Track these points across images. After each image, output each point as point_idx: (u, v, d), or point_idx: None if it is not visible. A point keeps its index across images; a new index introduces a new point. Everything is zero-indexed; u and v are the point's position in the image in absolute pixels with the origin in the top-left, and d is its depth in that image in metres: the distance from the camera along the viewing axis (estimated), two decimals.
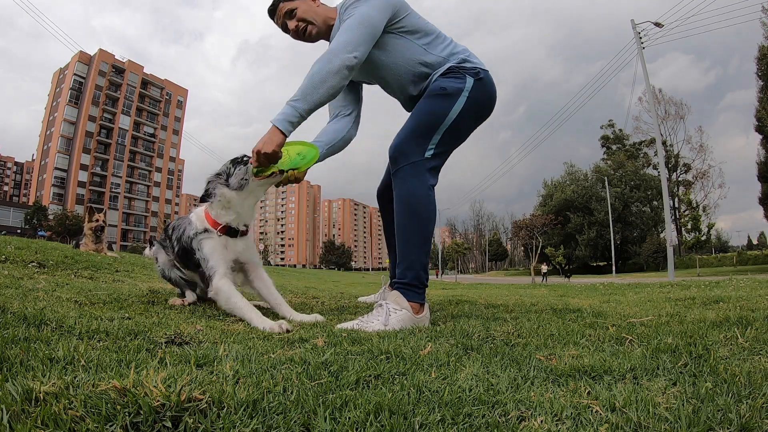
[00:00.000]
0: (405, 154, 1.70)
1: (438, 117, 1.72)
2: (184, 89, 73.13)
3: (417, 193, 1.68)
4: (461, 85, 1.74)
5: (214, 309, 1.89)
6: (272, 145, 1.56)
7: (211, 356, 0.99)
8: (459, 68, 1.77)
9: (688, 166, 46.17)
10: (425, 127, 1.72)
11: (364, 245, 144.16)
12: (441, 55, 1.80)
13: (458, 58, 1.79)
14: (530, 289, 5.71)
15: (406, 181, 1.69)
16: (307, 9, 1.85)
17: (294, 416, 0.67)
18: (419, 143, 1.70)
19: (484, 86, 1.79)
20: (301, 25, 1.85)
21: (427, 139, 1.71)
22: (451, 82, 1.74)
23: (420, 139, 1.71)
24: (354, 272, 71.00)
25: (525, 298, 3.16)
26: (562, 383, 0.89)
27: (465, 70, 1.77)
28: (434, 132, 1.72)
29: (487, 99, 1.83)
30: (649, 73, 16.09)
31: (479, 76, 1.77)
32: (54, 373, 0.76)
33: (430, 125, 1.71)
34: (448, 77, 1.76)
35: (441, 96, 1.73)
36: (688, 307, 2.18)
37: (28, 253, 3.48)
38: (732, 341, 1.22)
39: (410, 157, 1.69)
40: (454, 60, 1.79)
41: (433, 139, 1.71)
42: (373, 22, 1.68)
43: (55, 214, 48.97)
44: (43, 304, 1.44)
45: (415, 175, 1.69)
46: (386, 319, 1.56)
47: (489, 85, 1.82)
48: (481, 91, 1.78)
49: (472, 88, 1.74)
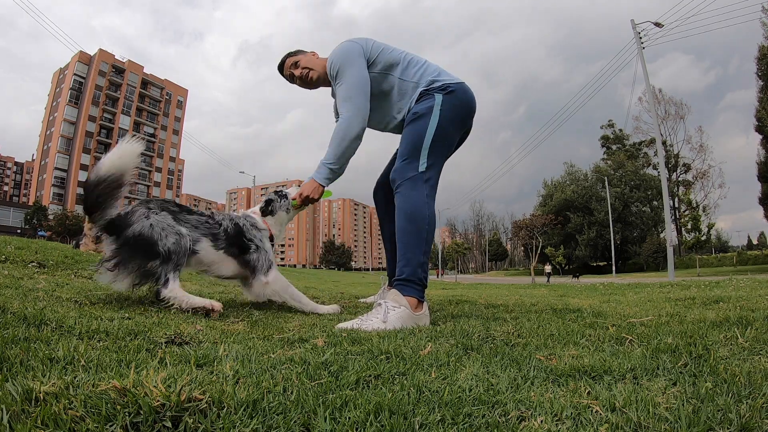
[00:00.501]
0: (402, 173, 1.88)
1: (419, 136, 1.89)
2: (184, 89, 73.15)
3: (415, 202, 1.82)
4: (431, 103, 1.92)
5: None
6: (317, 193, 2.05)
7: (211, 356, 0.99)
8: (427, 91, 1.95)
9: (688, 166, 46.16)
10: (412, 149, 1.89)
11: (364, 245, 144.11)
12: (413, 81, 2.00)
13: (427, 80, 1.97)
14: (530, 289, 5.71)
15: (407, 194, 1.84)
16: (307, 60, 2.20)
17: (294, 416, 0.67)
18: (411, 161, 1.88)
19: (456, 97, 1.94)
20: (304, 71, 2.19)
21: (417, 156, 1.88)
22: (422, 104, 1.93)
23: (411, 158, 1.88)
24: (354, 272, 70.98)
25: (525, 298, 3.16)
26: (562, 383, 0.89)
27: (434, 89, 1.94)
28: (421, 149, 1.88)
29: (462, 107, 1.98)
30: (649, 73, 16.10)
31: (448, 89, 1.94)
32: (54, 373, 0.76)
33: (415, 145, 1.89)
34: (419, 102, 1.95)
35: (416, 119, 1.91)
36: (688, 307, 2.18)
37: (28, 253, 3.48)
38: (732, 341, 1.22)
39: (407, 174, 1.86)
40: (424, 84, 1.97)
41: (422, 154, 1.87)
42: (365, 81, 1.97)
43: (55, 214, 48.95)
44: (43, 304, 1.44)
45: (414, 188, 1.84)
46: (385, 316, 1.60)
47: (461, 93, 1.97)
48: (454, 102, 1.94)
49: (442, 102, 1.91)
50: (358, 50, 1.99)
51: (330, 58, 2.03)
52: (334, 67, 1.99)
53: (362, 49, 2.00)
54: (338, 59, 1.98)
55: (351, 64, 1.96)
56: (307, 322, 1.65)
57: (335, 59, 1.99)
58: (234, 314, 1.79)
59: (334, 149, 1.96)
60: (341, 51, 2.00)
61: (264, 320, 1.67)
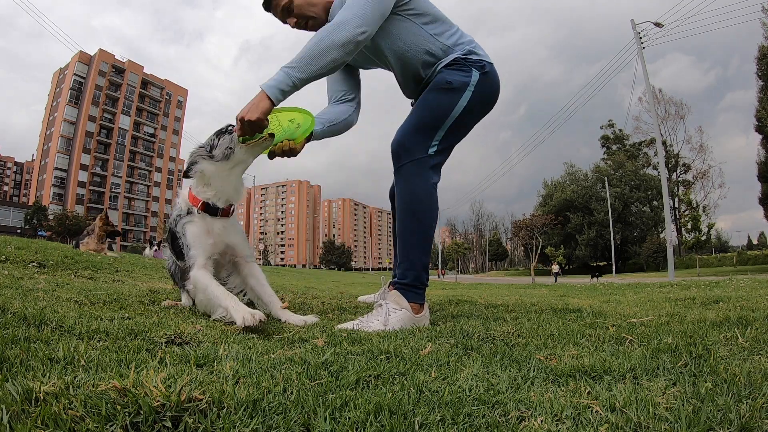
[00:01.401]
0: (408, 151, 1.65)
1: (443, 112, 1.66)
2: (184, 89, 73.19)
3: (420, 192, 1.66)
4: (467, 79, 1.68)
5: None
6: (258, 111, 1.46)
7: (211, 356, 0.99)
8: (465, 60, 1.70)
9: (688, 166, 46.16)
10: (429, 123, 1.67)
11: (364, 245, 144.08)
12: (447, 44, 1.73)
13: (464, 48, 1.73)
14: (530, 289, 5.71)
15: (410, 180, 1.65)
16: (304, 2, 1.75)
17: (294, 416, 0.67)
18: (423, 139, 1.66)
19: (490, 80, 1.74)
20: (301, 21, 1.79)
21: (431, 134, 1.67)
22: (457, 75, 1.68)
23: (424, 134, 1.66)
24: (354, 272, 70.93)
25: (525, 298, 3.16)
26: (562, 383, 0.89)
27: (471, 62, 1.71)
28: (438, 128, 1.67)
29: (491, 93, 1.78)
30: (649, 73, 16.12)
31: (485, 69, 1.72)
32: (54, 373, 0.76)
33: (434, 120, 1.67)
34: (453, 69, 1.70)
35: (446, 90, 1.68)
36: (688, 307, 2.18)
37: (28, 253, 3.48)
38: (732, 341, 1.22)
39: (413, 154, 1.65)
40: (460, 51, 1.72)
41: (437, 134, 1.67)
42: (386, 5, 1.59)
43: (55, 214, 48.96)
44: (43, 304, 1.44)
45: (419, 174, 1.65)
46: (386, 319, 1.56)
47: (494, 78, 1.77)
48: (486, 86, 1.73)
49: (477, 82, 1.69)
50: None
51: None
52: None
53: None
54: None
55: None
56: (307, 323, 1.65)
57: None
58: None
59: (304, 51, 1.50)
60: None
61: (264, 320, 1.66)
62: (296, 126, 1.68)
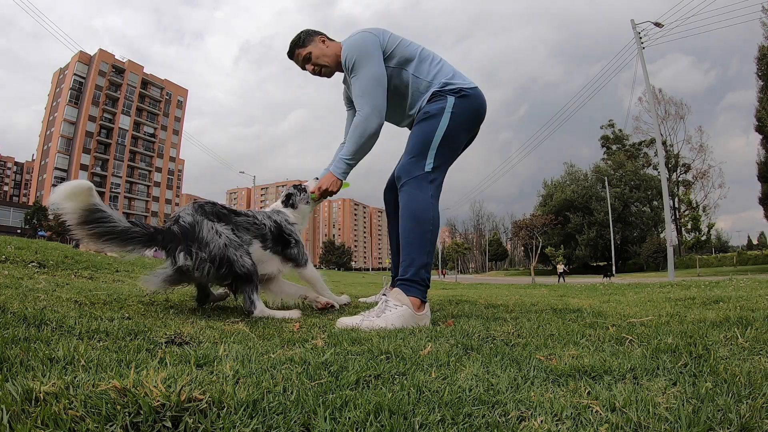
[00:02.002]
0: (408, 172, 1.87)
1: (428, 136, 1.87)
2: (184, 89, 73.16)
3: (419, 200, 1.81)
4: (442, 104, 1.90)
5: (214, 309, 1.89)
6: (336, 186, 2.06)
7: (211, 356, 0.99)
8: (440, 92, 1.93)
9: (688, 166, 46.13)
10: (420, 147, 1.88)
11: (364, 245, 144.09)
12: (427, 79, 1.97)
13: (440, 82, 1.95)
14: (530, 289, 5.71)
15: (409, 193, 1.84)
16: (319, 53, 2.08)
17: (294, 416, 0.67)
18: (418, 160, 1.86)
19: (468, 101, 1.93)
20: (317, 68, 2.11)
21: (424, 155, 1.87)
22: (433, 105, 1.91)
23: (418, 156, 1.87)
24: (354, 272, 70.90)
25: (525, 298, 3.16)
26: (562, 383, 0.89)
27: (446, 92, 1.92)
28: (428, 149, 1.87)
29: (472, 111, 1.96)
30: (649, 74, 16.11)
31: (461, 93, 1.92)
32: (54, 373, 0.76)
33: (423, 144, 1.87)
34: (431, 102, 1.93)
35: (426, 119, 1.90)
36: (688, 307, 2.18)
37: (28, 253, 3.48)
38: (732, 341, 1.22)
39: (412, 173, 1.85)
40: (437, 85, 1.95)
41: (429, 154, 1.86)
42: (383, 76, 1.92)
43: (55, 214, 48.84)
44: (43, 304, 1.44)
45: (418, 187, 1.83)
46: (387, 314, 1.61)
47: (474, 98, 1.95)
48: (465, 106, 1.92)
49: (454, 105, 1.90)
50: (375, 42, 1.93)
51: (345, 49, 1.96)
52: (350, 59, 1.92)
53: (379, 42, 1.94)
54: (354, 51, 1.91)
55: (369, 57, 1.90)
56: (307, 322, 1.66)
57: (351, 51, 1.92)
58: (234, 314, 1.79)
59: (353, 146, 1.95)
60: (358, 42, 1.93)
61: (264, 320, 1.67)
62: None
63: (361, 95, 1.92)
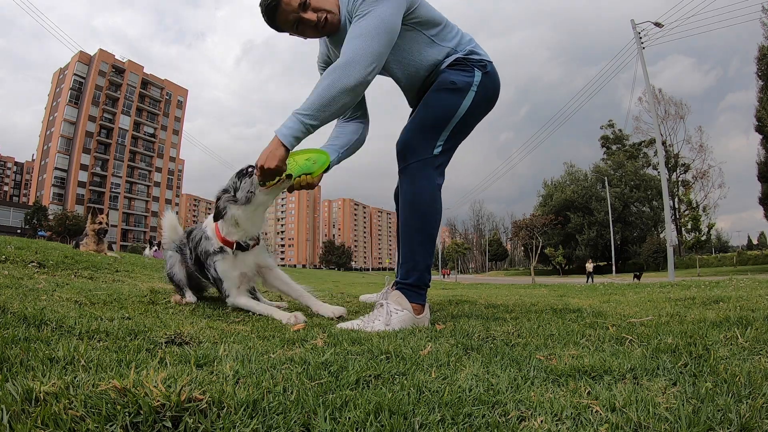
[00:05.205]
0: (414, 151, 1.66)
1: (448, 113, 1.67)
2: (184, 89, 73.19)
3: (425, 193, 1.66)
4: (470, 79, 1.70)
5: (214, 309, 1.88)
6: (275, 160, 1.50)
7: (211, 356, 0.99)
8: (466, 60, 1.72)
9: (687, 166, 46.14)
10: (434, 123, 1.67)
11: (364, 245, 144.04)
12: (449, 46, 1.73)
13: (465, 49, 1.75)
14: (530, 289, 5.71)
15: (415, 180, 1.66)
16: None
17: (294, 416, 0.67)
18: (428, 139, 1.67)
19: (491, 79, 1.77)
20: (321, 15, 1.63)
21: (436, 134, 1.68)
22: (460, 75, 1.69)
23: (429, 134, 1.67)
24: (354, 272, 70.90)
25: (525, 298, 3.16)
26: (562, 383, 0.89)
27: (473, 62, 1.72)
28: (443, 128, 1.68)
29: (493, 92, 1.80)
30: (649, 75, 16.11)
31: (486, 69, 1.74)
32: (54, 373, 0.76)
33: (439, 121, 1.67)
34: (456, 69, 1.71)
35: (450, 90, 1.68)
36: (688, 307, 2.18)
37: (28, 253, 3.48)
38: (732, 341, 1.22)
39: (419, 154, 1.65)
40: (462, 51, 1.74)
41: (442, 135, 1.68)
42: (393, 27, 1.54)
43: (55, 214, 48.94)
44: (43, 304, 1.44)
45: (424, 174, 1.66)
46: (388, 319, 1.56)
47: (495, 77, 1.79)
48: (489, 85, 1.75)
49: (480, 82, 1.71)
50: None
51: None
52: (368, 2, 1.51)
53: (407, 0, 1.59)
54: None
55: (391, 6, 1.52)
56: (307, 322, 1.65)
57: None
58: (234, 314, 1.79)
59: (316, 96, 1.47)
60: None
61: (264, 320, 1.67)
62: (312, 162, 1.71)
63: (357, 36, 1.49)
